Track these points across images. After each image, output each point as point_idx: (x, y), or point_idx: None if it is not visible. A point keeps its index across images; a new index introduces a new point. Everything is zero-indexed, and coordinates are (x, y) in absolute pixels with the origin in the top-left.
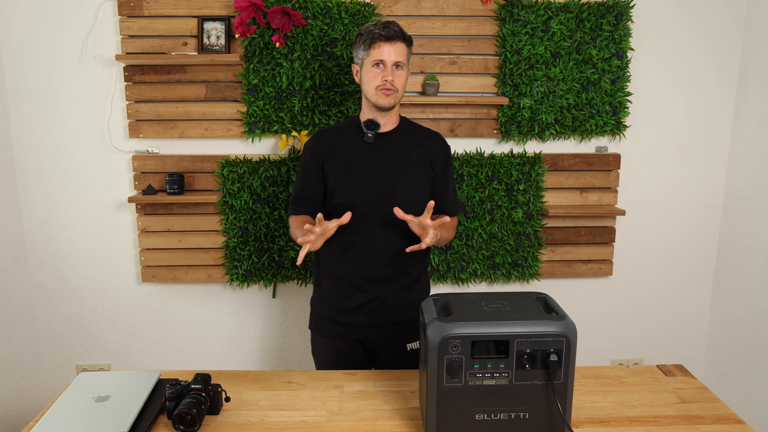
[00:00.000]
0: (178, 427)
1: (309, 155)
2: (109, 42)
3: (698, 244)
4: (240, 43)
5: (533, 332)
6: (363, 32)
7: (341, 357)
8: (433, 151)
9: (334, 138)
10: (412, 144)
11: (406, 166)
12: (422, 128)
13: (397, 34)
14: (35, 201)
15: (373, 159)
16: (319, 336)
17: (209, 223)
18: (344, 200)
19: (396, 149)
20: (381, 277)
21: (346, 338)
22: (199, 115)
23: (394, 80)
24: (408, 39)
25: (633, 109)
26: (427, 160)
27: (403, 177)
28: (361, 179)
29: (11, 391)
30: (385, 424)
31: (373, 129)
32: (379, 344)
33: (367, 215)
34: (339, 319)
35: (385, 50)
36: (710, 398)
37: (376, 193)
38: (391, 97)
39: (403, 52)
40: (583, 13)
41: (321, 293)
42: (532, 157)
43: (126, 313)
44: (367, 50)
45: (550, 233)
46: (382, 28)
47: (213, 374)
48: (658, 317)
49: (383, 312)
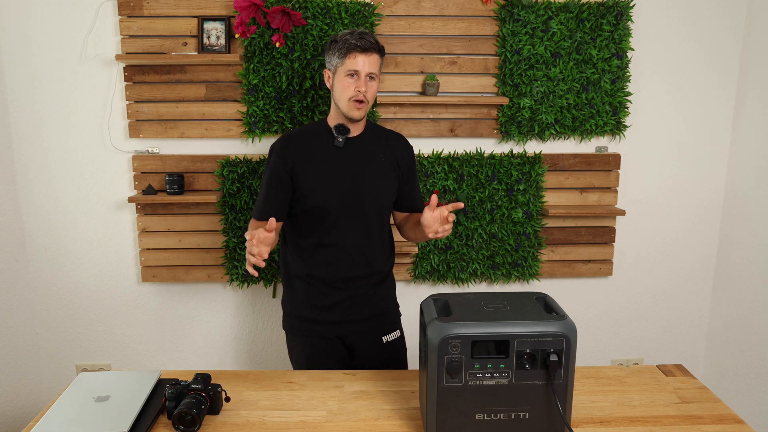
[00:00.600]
0: (178, 427)
1: (278, 159)
2: (109, 42)
3: (698, 244)
4: (240, 43)
5: (533, 332)
6: (338, 39)
7: (321, 355)
8: (398, 152)
9: (303, 142)
10: (379, 146)
11: (374, 169)
12: (386, 130)
13: (372, 45)
14: (35, 201)
15: (344, 162)
16: (296, 336)
17: (209, 223)
18: (317, 204)
19: (364, 152)
20: (355, 276)
21: (325, 336)
22: (199, 115)
23: (366, 91)
24: (382, 50)
25: (633, 109)
26: (393, 160)
27: (372, 179)
28: (333, 183)
29: (11, 391)
30: (385, 424)
31: (343, 134)
32: (357, 339)
33: (340, 217)
34: (317, 318)
35: (360, 61)
36: (710, 398)
37: (347, 195)
38: (362, 110)
39: (376, 63)
40: (583, 13)
41: (293, 293)
42: (532, 157)
43: (126, 313)
44: (342, 59)
45: (550, 233)
46: (359, 38)
47: (213, 374)
48: (658, 317)
49: (358, 308)
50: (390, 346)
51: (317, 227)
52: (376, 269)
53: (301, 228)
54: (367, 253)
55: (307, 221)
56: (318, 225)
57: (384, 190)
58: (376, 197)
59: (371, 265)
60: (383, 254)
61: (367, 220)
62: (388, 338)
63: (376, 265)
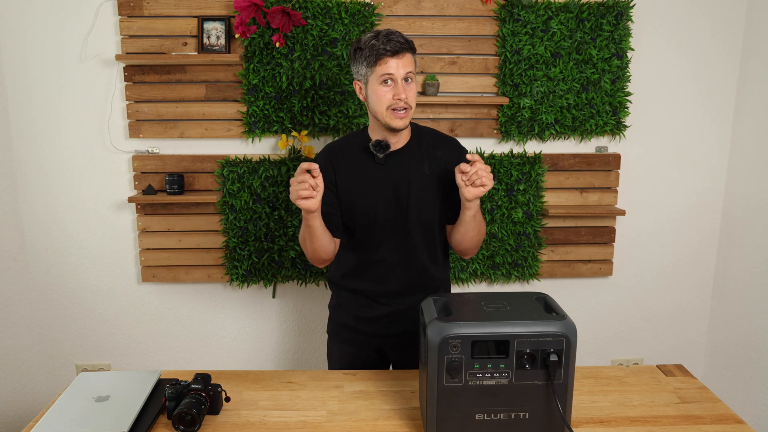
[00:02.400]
0: (178, 427)
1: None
2: (109, 42)
3: (698, 244)
4: (240, 43)
5: (533, 332)
6: (363, 47)
7: (356, 364)
8: (448, 162)
9: (343, 158)
10: (424, 158)
11: (417, 184)
12: (436, 135)
13: (402, 45)
14: (35, 201)
15: (385, 179)
16: (335, 341)
17: (209, 223)
18: (359, 221)
19: (408, 166)
20: (403, 291)
21: (362, 346)
22: (199, 115)
23: (407, 96)
24: (413, 47)
25: (633, 109)
26: (440, 172)
27: (415, 195)
28: (374, 200)
29: (11, 391)
30: (385, 424)
31: (383, 151)
32: (396, 353)
33: (385, 235)
34: (357, 327)
35: (392, 65)
36: (710, 398)
37: (391, 212)
38: (405, 118)
39: (410, 62)
40: (583, 13)
41: (339, 300)
42: (532, 157)
43: (126, 313)
44: (372, 67)
45: (550, 233)
46: (386, 41)
47: (213, 374)
48: (658, 317)
49: (402, 322)
50: None
51: (363, 243)
52: (427, 282)
53: (349, 244)
54: (417, 269)
55: (350, 237)
56: (360, 242)
57: (427, 206)
58: (419, 214)
59: (421, 281)
60: (435, 270)
61: (412, 236)
62: None
63: (428, 278)
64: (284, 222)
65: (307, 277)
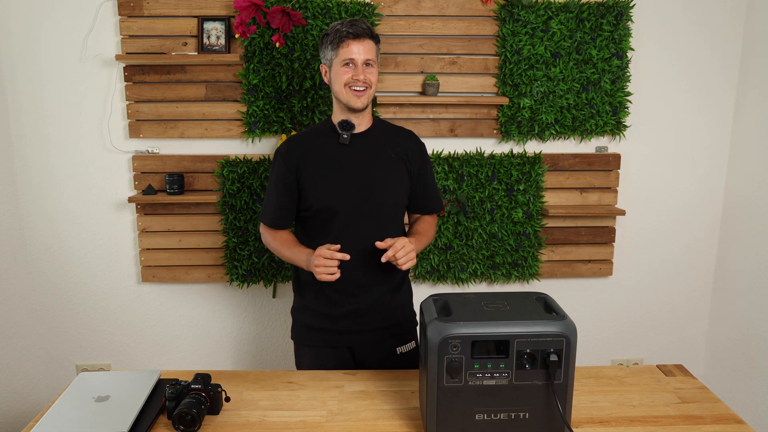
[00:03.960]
0: (178, 427)
1: (282, 163)
2: (109, 42)
3: (698, 244)
4: (240, 43)
5: (533, 332)
6: (330, 32)
7: (329, 366)
8: (409, 149)
9: (307, 142)
10: (388, 143)
11: (384, 165)
12: (395, 127)
13: (365, 31)
14: (35, 201)
15: (351, 160)
16: (304, 346)
17: (209, 223)
18: (324, 204)
19: (372, 149)
20: (368, 281)
21: (335, 345)
22: (199, 115)
23: (366, 78)
24: (376, 37)
25: (633, 109)
26: (404, 158)
27: (382, 176)
28: (340, 182)
29: (11, 391)
30: (385, 424)
31: (348, 129)
32: (368, 350)
33: (350, 219)
34: (327, 327)
35: (354, 48)
36: (710, 398)
37: (356, 194)
38: (363, 98)
39: (372, 49)
40: (583, 13)
41: (303, 302)
42: (532, 157)
43: (126, 313)
44: (336, 50)
45: (550, 233)
46: (350, 26)
47: (213, 374)
48: (658, 317)
49: (372, 317)
50: (403, 358)
51: (325, 230)
52: (391, 273)
53: (309, 231)
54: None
55: (315, 224)
56: (326, 227)
57: (395, 186)
58: (388, 195)
59: (385, 268)
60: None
61: (379, 219)
62: (402, 350)
63: (391, 268)
64: None
65: None
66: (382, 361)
